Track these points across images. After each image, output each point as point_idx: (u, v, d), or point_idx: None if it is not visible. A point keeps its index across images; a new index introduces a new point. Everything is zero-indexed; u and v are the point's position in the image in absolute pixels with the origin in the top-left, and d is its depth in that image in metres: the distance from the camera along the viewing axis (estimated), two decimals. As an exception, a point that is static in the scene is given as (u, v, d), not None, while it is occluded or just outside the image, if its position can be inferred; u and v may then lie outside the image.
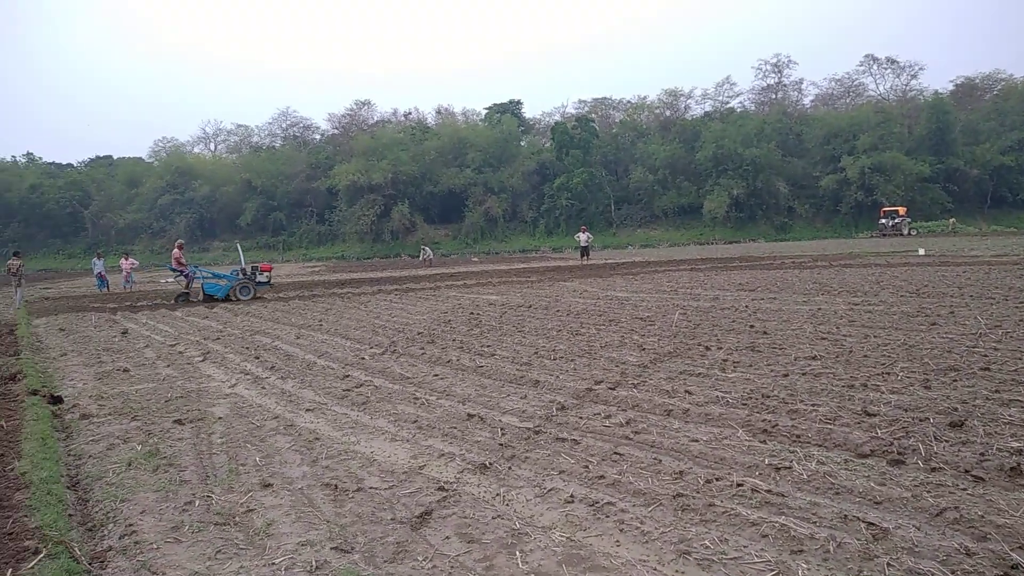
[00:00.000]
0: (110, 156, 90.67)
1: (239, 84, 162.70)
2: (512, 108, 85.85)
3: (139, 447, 6.09)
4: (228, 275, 21.35)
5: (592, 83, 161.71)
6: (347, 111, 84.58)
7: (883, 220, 58.16)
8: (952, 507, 4.04)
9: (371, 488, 4.92)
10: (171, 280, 32.29)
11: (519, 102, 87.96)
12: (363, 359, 9.95)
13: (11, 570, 3.65)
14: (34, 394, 8.01)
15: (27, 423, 6.70)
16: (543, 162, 74.99)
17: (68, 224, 77.73)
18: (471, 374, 8.57)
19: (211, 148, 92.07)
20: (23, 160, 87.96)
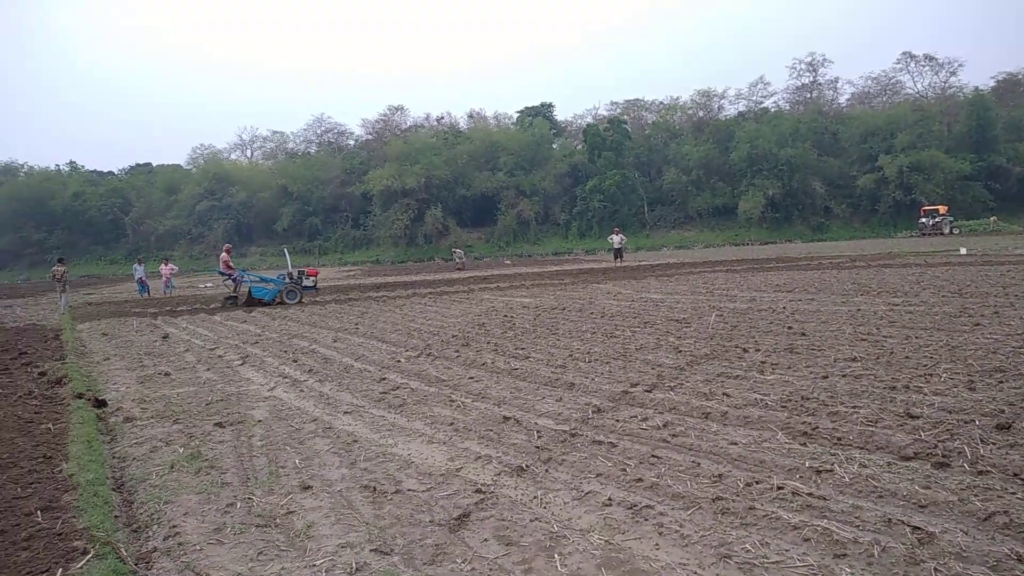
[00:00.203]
0: (149, 163, 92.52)
1: (275, 90, 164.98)
2: (544, 111, 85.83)
3: (181, 450, 6.20)
4: (275, 279, 21.63)
5: (624, 85, 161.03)
6: (380, 116, 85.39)
7: (923, 219, 57.05)
8: (1001, 511, 3.95)
9: (409, 490, 4.95)
10: (210, 284, 32.83)
11: (551, 105, 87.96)
12: (399, 362, 10.02)
13: (61, 570, 3.73)
14: (79, 397, 8.20)
15: (73, 426, 6.85)
16: (575, 164, 74.85)
17: (109, 231, 79.40)
18: (506, 377, 8.58)
19: (247, 155, 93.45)
20: (66, 169, 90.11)
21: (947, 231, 54.73)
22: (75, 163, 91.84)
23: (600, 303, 16.32)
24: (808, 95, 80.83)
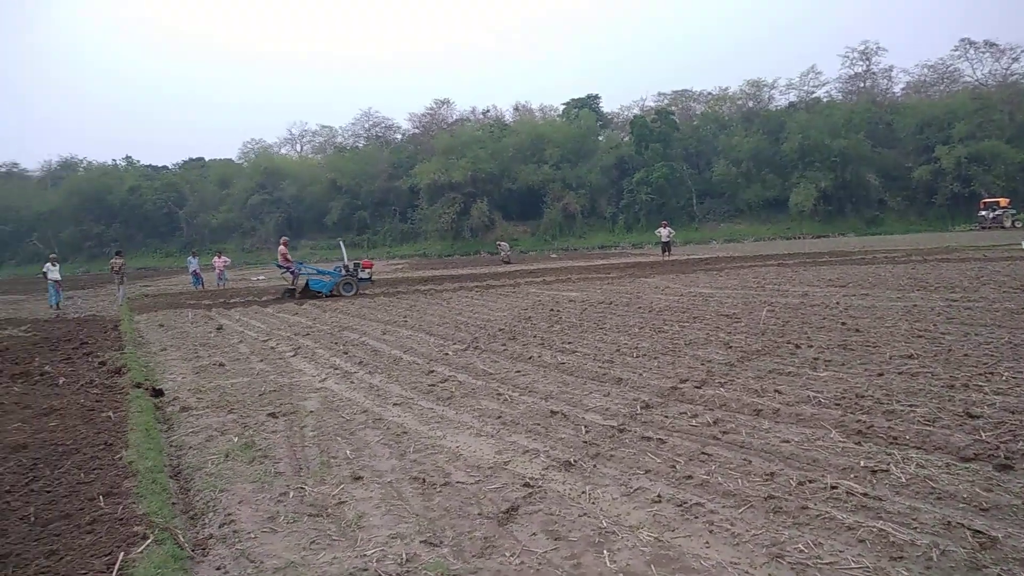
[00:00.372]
0: (202, 158, 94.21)
1: (323, 83, 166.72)
2: (590, 103, 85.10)
3: (235, 439, 6.35)
4: (332, 272, 22.00)
5: (672, 76, 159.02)
6: (427, 110, 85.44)
7: (983, 212, 55.16)
8: (1067, 516, 3.82)
9: (458, 482, 4.99)
10: (262, 278, 33.45)
11: (597, 96, 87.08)
12: (447, 355, 10.09)
13: (123, 554, 3.85)
14: (138, 387, 8.45)
15: (132, 414, 7.07)
16: (622, 156, 74.05)
17: (164, 224, 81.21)
18: (553, 371, 8.58)
19: (297, 149, 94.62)
20: (123, 163, 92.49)
21: (1008, 224, 52.81)
22: (131, 158, 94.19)
23: (648, 297, 16.20)
24: (861, 84, 78.58)
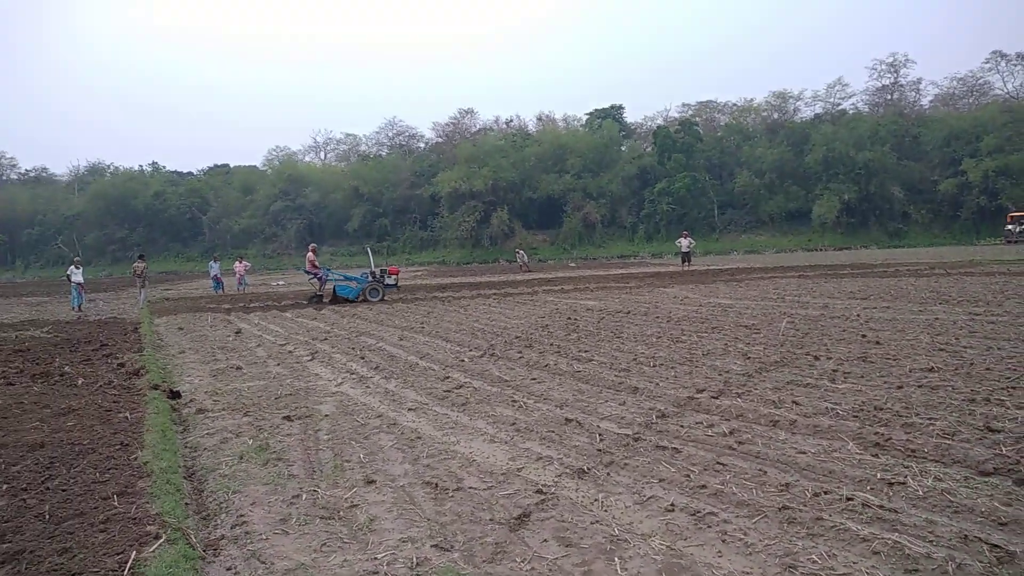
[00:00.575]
0: (227, 164, 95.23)
1: (348, 94, 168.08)
2: (613, 113, 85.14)
3: (250, 441, 6.38)
4: (359, 278, 22.22)
5: (697, 87, 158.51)
6: (451, 120, 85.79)
7: (1010, 226, 54.38)
8: (1088, 532, 3.75)
9: (470, 488, 4.99)
10: (282, 283, 33.67)
11: (621, 107, 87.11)
12: (463, 361, 10.10)
13: (135, 552, 3.88)
14: (155, 388, 8.52)
15: (149, 416, 7.12)
16: (644, 167, 73.94)
17: (188, 229, 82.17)
18: (568, 379, 8.56)
19: (321, 157, 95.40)
20: (149, 169, 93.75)
21: (1034, 238, 52.13)
22: (157, 164, 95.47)
23: (666, 307, 16.13)
24: (889, 97, 77.91)
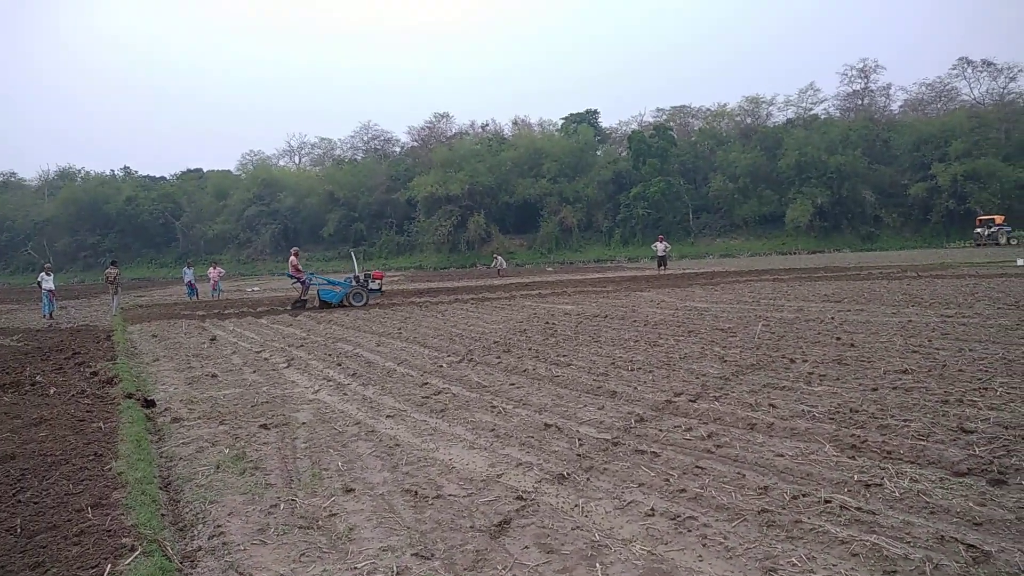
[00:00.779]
0: (200, 169, 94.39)
1: (322, 98, 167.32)
2: (589, 118, 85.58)
3: (227, 450, 6.30)
4: (342, 282, 22.09)
5: (670, 92, 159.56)
6: (426, 124, 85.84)
7: (979, 229, 55.40)
8: (1061, 531, 3.80)
9: (450, 495, 4.96)
10: (256, 289, 33.37)
11: (596, 112, 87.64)
12: (441, 367, 10.06)
13: (110, 566, 3.80)
14: (129, 397, 8.39)
15: (123, 425, 7.00)
16: (619, 171, 74.36)
17: (161, 235, 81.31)
18: (547, 383, 8.55)
19: (296, 161, 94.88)
20: (120, 174, 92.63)
21: (1003, 241, 53.05)
22: (129, 168, 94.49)
23: (643, 311, 16.20)
24: (859, 102, 79.09)
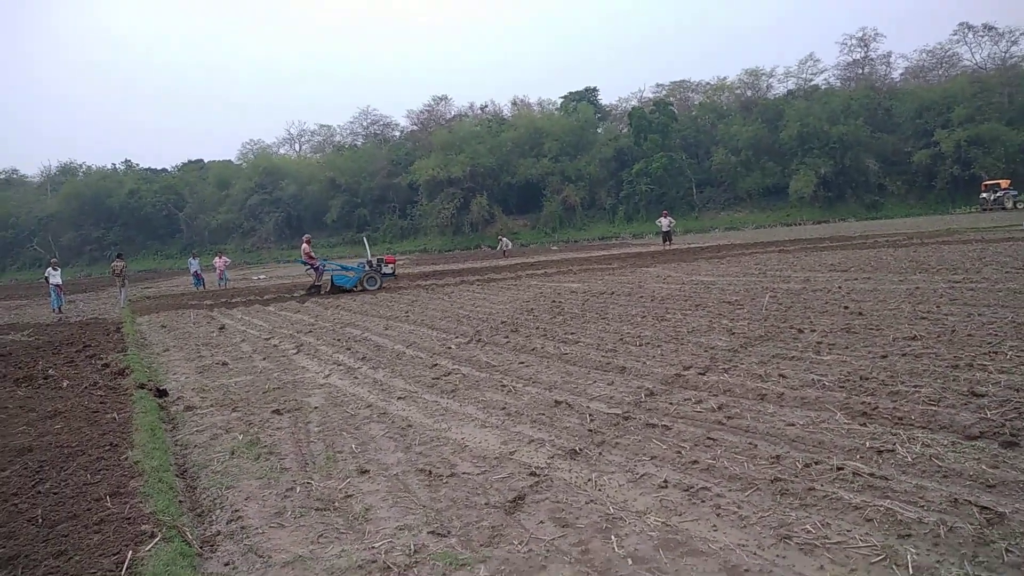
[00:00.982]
0: (201, 160, 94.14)
1: (322, 86, 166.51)
2: (588, 96, 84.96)
3: (241, 437, 6.35)
4: (356, 267, 22.17)
5: (670, 67, 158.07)
6: (425, 107, 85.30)
7: (984, 194, 54.97)
8: (1074, 490, 3.81)
9: (464, 473, 4.99)
10: (263, 277, 33.41)
11: (595, 89, 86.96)
12: (450, 348, 10.09)
13: (131, 552, 3.85)
14: (141, 388, 8.45)
15: (137, 415, 7.06)
16: (620, 148, 73.97)
17: (164, 226, 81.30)
18: (556, 361, 8.57)
19: (296, 149, 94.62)
20: (122, 167, 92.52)
21: (1009, 205, 52.64)
22: (130, 161, 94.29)
23: (650, 287, 16.19)
24: (860, 71, 78.28)
